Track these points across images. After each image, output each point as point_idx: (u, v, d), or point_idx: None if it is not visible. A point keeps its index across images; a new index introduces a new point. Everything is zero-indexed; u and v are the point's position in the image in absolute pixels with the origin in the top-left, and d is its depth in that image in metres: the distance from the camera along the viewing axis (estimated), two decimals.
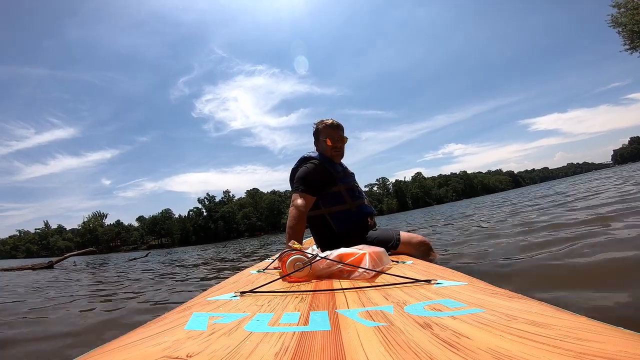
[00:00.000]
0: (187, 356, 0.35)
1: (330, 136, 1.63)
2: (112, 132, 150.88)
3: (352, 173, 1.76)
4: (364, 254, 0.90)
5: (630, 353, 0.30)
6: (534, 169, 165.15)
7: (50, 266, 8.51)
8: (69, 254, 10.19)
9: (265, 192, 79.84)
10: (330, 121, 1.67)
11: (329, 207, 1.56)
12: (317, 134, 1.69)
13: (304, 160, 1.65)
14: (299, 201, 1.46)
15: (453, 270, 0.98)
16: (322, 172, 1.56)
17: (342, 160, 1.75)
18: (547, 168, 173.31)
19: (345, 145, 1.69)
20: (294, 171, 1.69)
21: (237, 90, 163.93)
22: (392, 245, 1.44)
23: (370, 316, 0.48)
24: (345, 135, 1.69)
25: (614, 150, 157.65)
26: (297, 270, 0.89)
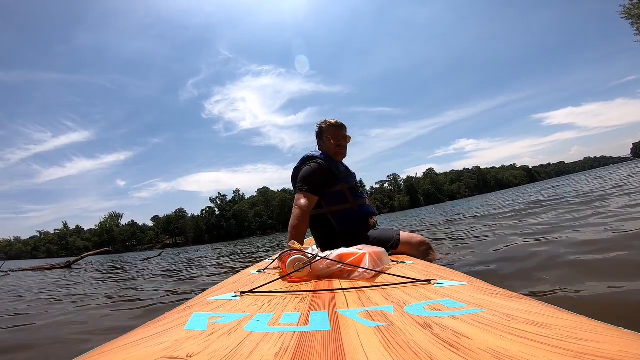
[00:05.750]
0: (187, 356, 0.35)
1: (334, 135, 1.65)
2: (125, 134, 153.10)
3: (354, 173, 1.76)
4: (364, 254, 0.90)
5: (630, 353, 0.30)
6: (549, 164, 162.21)
7: (68, 266, 8.61)
8: (86, 254, 10.34)
9: (276, 190, 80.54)
10: (334, 120, 1.69)
11: (331, 206, 1.56)
12: (320, 133, 1.71)
13: (307, 160, 1.65)
14: (303, 201, 1.46)
15: (453, 270, 0.98)
16: (325, 171, 1.56)
17: (344, 161, 1.75)
18: (563, 162, 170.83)
19: (351, 143, 1.72)
20: (296, 170, 1.69)
21: (245, 91, 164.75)
22: (392, 245, 1.44)
23: (370, 316, 0.48)
24: (348, 134, 1.70)
25: (633, 144, 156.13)
26: (297, 270, 0.88)
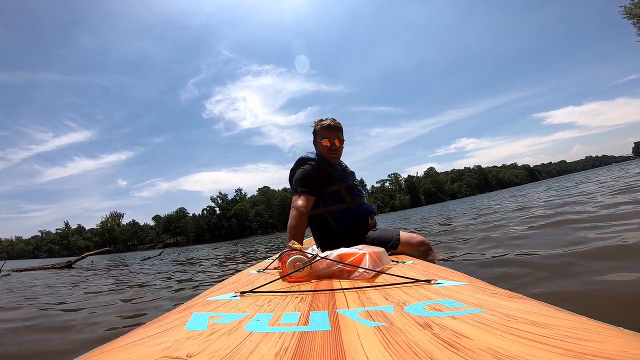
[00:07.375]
0: (187, 356, 0.35)
1: (326, 138, 1.61)
2: (126, 134, 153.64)
3: (352, 172, 1.76)
4: (364, 254, 0.90)
5: (630, 353, 0.30)
6: (550, 163, 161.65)
7: (69, 265, 8.66)
8: (86, 254, 10.37)
9: (277, 189, 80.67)
10: (327, 122, 1.64)
11: (328, 206, 1.56)
12: (315, 133, 1.69)
13: (301, 162, 1.65)
14: (300, 202, 1.46)
15: (453, 270, 0.98)
16: (320, 172, 1.56)
17: (342, 159, 1.74)
18: (565, 161, 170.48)
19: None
20: (292, 172, 1.69)
21: (246, 91, 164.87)
22: (392, 245, 1.44)
23: (370, 316, 0.48)
24: (344, 136, 1.68)
25: (635, 143, 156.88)
26: (297, 270, 0.88)
